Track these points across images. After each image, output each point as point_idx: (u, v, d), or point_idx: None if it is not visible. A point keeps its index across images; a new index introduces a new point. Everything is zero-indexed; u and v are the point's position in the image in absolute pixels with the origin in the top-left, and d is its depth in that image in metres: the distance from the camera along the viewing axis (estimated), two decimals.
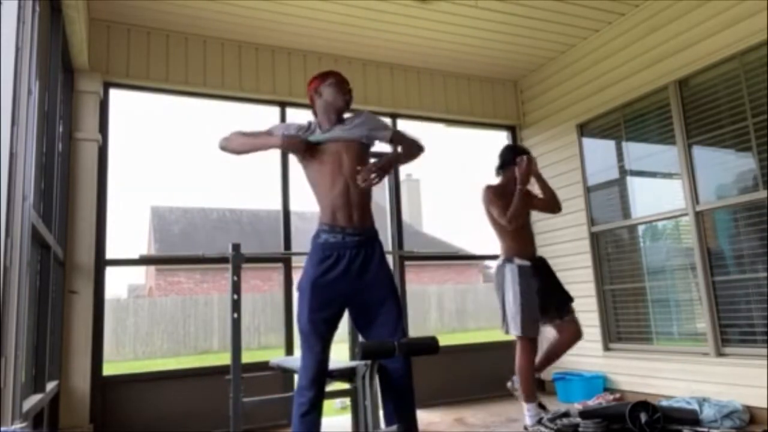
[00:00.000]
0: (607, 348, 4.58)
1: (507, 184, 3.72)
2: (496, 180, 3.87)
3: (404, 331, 2.42)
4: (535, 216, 5.33)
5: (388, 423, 2.34)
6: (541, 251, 5.27)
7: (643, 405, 3.23)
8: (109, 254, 3.96)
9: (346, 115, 2.65)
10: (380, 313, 2.38)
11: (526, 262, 3.61)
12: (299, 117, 4.73)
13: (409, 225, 21.34)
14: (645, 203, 4.39)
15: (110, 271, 3.95)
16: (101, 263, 3.89)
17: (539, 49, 4.95)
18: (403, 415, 2.36)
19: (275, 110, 4.67)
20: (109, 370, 3.96)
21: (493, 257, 3.90)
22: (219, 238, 18.29)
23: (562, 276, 5.03)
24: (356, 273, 2.36)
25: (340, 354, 2.46)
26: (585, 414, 3.44)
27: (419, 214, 26.06)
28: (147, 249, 20.11)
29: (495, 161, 3.89)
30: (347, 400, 3.56)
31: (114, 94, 4.18)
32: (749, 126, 3.62)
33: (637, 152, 4.49)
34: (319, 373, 2.33)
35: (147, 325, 14.40)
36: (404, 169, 21.91)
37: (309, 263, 2.40)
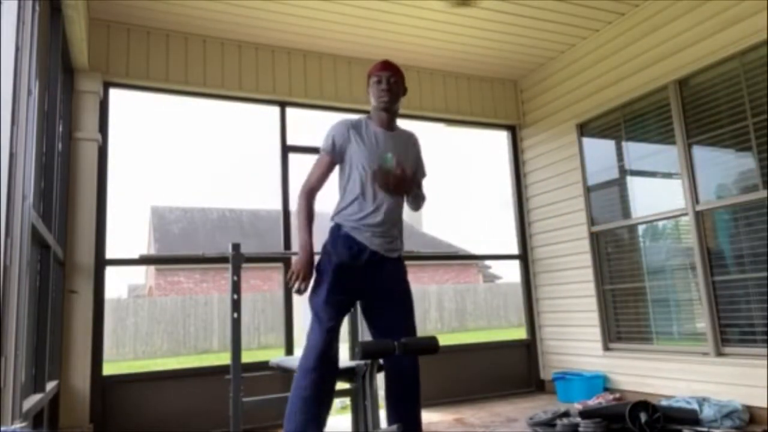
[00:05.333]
0: (607, 348, 4.58)
1: None
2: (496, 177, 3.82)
3: (414, 329, 2.41)
4: (535, 215, 5.35)
5: (393, 423, 2.32)
6: (540, 251, 5.31)
7: (643, 405, 3.23)
8: (109, 254, 3.96)
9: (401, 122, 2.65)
10: (392, 308, 2.39)
11: None
12: (299, 117, 4.75)
13: (409, 225, 21.33)
14: (645, 203, 4.39)
15: (110, 271, 3.94)
16: (101, 263, 3.89)
17: (539, 49, 4.95)
18: (410, 414, 2.34)
19: (275, 110, 4.67)
20: (109, 369, 3.96)
21: (494, 257, 3.88)
22: (219, 238, 18.31)
23: (562, 276, 5.07)
24: (377, 265, 2.38)
25: (339, 354, 2.45)
26: (585, 414, 3.44)
27: (419, 214, 26.06)
28: (147, 249, 20.12)
29: (495, 161, 3.84)
30: (347, 400, 3.56)
31: (114, 93, 4.18)
32: (749, 126, 3.62)
33: (637, 152, 4.49)
34: (326, 350, 2.27)
35: (147, 325, 14.41)
36: None
37: (333, 248, 2.39)
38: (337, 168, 2.52)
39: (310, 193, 2.48)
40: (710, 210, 3.87)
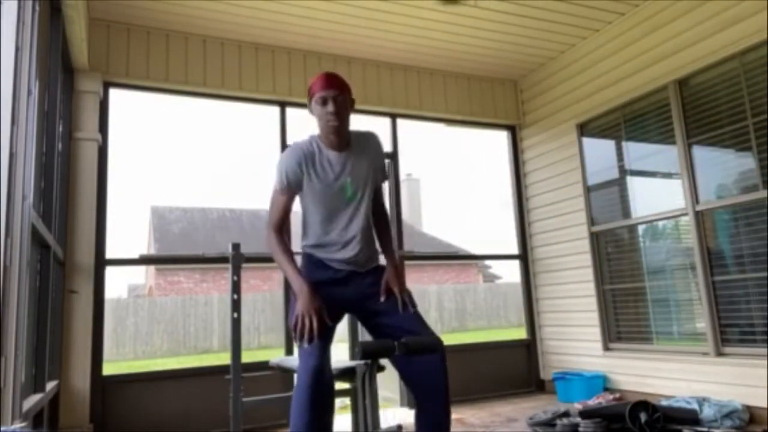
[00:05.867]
0: (607, 348, 4.58)
1: None
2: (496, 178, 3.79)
3: (419, 316, 2.25)
4: (535, 215, 5.36)
5: (421, 423, 2.26)
6: (540, 251, 5.32)
7: (643, 405, 3.23)
8: (109, 254, 3.96)
9: (357, 127, 2.39)
10: (388, 306, 2.29)
11: None
12: (299, 117, 4.75)
13: (409, 225, 21.34)
14: (645, 203, 4.39)
15: (110, 271, 3.95)
16: (101, 263, 3.89)
17: (539, 49, 4.95)
18: (444, 413, 2.27)
19: (275, 110, 4.67)
20: (109, 369, 3.96)
21: (494, 257, 3.87)
22: (219, 238, 18.31)
23: (562, 276, 5.07)
24: (355, 279, 2.28)
25: (340, 354, 2.43)
26: (585, 414, 3.44)
27: (419, 214, 26.08)
28: (147, 249, 20.14)
29: (495, 161, 3.82)
30: (347, 400, 3.56)
31: (114, 93, 4.18)
32: (749, 126, 3.62)
33: (637, 152, 4.49)
34: (320, 369, 2.05)
35: (147, 324, 14.41)
36: (404, 169, 21.93)
37: (307, 271, 2.26)
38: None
39: (278, 230, 2.26)
40: (710, 210, 3.87)
